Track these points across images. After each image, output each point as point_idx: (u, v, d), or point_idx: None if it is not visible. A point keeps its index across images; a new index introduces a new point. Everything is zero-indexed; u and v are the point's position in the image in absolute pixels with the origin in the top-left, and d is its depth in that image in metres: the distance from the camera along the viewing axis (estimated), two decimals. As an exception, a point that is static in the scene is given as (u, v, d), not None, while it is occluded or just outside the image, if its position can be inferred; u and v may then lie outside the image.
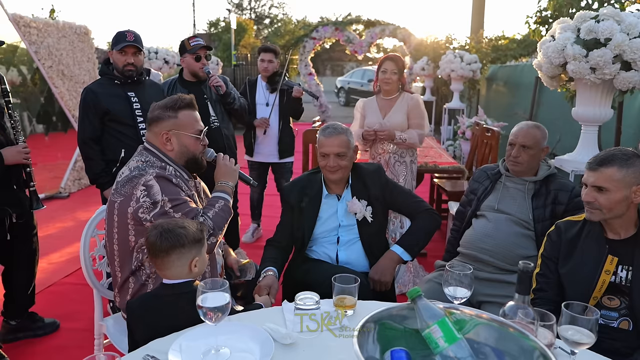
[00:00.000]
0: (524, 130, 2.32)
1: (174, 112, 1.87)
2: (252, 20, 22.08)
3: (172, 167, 1.86)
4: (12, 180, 2.44)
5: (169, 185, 1.77)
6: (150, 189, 1.72)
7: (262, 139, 4.04)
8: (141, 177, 1.75)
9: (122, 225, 1.78)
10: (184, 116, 1.88)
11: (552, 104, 5.95)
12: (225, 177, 1.94)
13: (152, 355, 1.25)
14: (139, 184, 1.73)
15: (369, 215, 2.26)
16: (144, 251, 1.79)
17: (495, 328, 1.11)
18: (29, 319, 2.79)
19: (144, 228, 1.75)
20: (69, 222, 4.93)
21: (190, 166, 1.92)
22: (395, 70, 3.25)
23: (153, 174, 1.75)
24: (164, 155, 1.87)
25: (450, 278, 1.51)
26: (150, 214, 1.72)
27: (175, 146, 1.87)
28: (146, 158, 1.85)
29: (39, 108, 5.92)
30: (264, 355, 1.27)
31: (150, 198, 1.71)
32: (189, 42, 3.33)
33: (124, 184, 1.78)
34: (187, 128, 1.87)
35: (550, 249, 1.91)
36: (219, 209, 1.83)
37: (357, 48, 11.88)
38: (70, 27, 6.18)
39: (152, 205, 1.71)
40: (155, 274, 1.81)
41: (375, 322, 1.09)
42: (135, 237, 1.78)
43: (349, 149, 2.25)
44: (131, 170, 1.81)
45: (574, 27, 2.95)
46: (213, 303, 1.22)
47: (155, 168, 1.80)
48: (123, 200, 1.76)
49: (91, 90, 2.85)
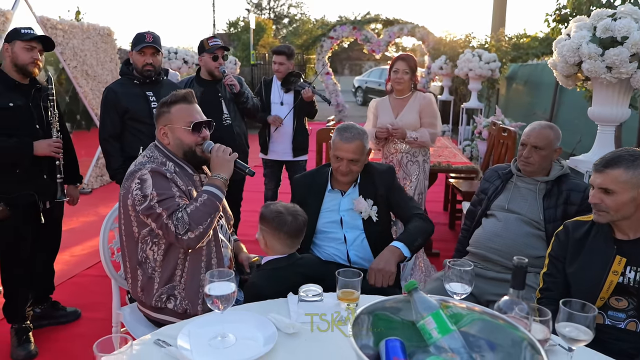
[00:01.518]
0: (536, 131, 2.30)
1: (168, 107, 1.94)
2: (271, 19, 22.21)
3: (173, 163, 1.92)
4: (44, 170, 2.62)
5: (162, 179, 1.81)
6: (143, 183, 1.79)
7: (276, 137, 4.11)
8: (139, 171, 1.82)
9: (126, 217, 1.86)
10: (177, 110, 1.93)
11: (573, 104, 5.86)
12: (217, 169, 1.91)
13: (162, 340, 1.32)
14: (135, 177, 1.81)
15: (375, 214, 2.27)
16: (146, 242, 1.86)
17: (487, 321, 1.15)
18: (52, 307, 2.94)
19: (143, 220, 1.82)
20: (91, 217, 5.09)
21: (189, 159, 1.97)
22: (407, 69, 3.26)
23: (149, 169, 1.81)
24: (165, 149, 1.94)
25: (451, 274, 1.54)
26: (140, 207, 1.78)
27: (170, 140, 1.94)
28: (151, 153, 1.93)
29: (64, 107, 6.11)
30: (267, 342, 1.33)
31: (141, 191, 1.77)
32: (208, 42, 3.44)
33: (127, 177, 1.87)
34: (179, 121, 1.92)
35: (558, 249, 1.91)
36: (200, 203, 1.80)
37: (375, 47, 11.85)
38: (94, 28, 6.36)
39: (142, 198, 1.77)
40: (160, 267, 1.87)
41: (368, 314, 1.14)
42: (138, 229, 1.85)
43: (363, 154, 2.25)
44: (135, 164, 1.90)
45: (590, 26, 2.93)
46: (220, 292, 1.28)
47: (154, 163, 1.86)
48: (124, 193, 1.84)
49: (112, 90, 2.97)
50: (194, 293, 1.88)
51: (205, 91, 3.43)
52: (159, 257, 1.87)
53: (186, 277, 1.89)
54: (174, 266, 1.88)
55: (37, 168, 2.59)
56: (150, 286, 1.89)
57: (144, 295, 1.92)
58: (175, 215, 1.75)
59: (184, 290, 1.89)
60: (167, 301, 1.88)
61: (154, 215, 1.77)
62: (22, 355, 2.60)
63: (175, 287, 1.89)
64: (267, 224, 1.90)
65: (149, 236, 1.85)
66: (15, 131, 2.51)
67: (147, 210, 1.77)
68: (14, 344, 2.63)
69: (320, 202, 2.32)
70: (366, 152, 2.27)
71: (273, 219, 1.88)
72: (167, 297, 1.88)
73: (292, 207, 1.96)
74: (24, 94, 2.57)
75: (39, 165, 2.60)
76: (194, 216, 1.76)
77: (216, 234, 1.95)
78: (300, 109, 4.06)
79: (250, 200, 4.85)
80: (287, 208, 1.93)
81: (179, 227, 1.74)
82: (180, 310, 1.88)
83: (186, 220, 1.75)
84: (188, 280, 1.89)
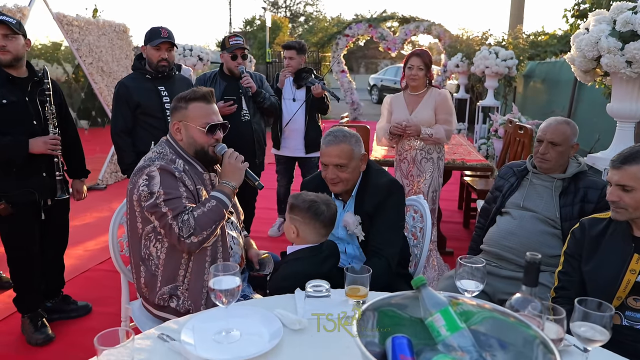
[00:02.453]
0: (552, 126, 2.25)
1: (185, 104, 1.91)
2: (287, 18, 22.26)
3: (183, 161, 1.89)
4: (43, 168, 2.56)
5: (170, 178, 1.79)
6: (151, 180, 1.77)
7: (288, 133, 4.11)
8: (147, 167, 1.80)
9: (132, 211, 1.86)
10: (194, 108, 1.91)
11: (591, 102, 5.74)
12: (227, 177, 1.90)
13: (166, 334, 1.31)
14: (143, 173, 1.79)
15: (361, 233, 2.05)
16: (150, 239, 1.85)
17: (498, 319, 1.11)
18: (64, 301, 2.96)
19: (147, 216, 1.81)
20: (105, 213, 5.13)
21: (200, 158, 1.94)
22: (421, 66, 3.21)
23: (157, 166, 1.79)
24: (177, 146, 1.92)
25: (463, 272, 1.50)
26: (145, 203, 1.76)
27: (183, 136, 1.92)
28: (161, 149, 1.91)
29: (80, 103, 6.17)
30: (272, 338, 1.31)
31: (148, 188, 1.76)
32: (229, 41, 3.48)
33: (135, 172, 1.85)
34: (194, 120, 1.90)
35: (574, 247, 1.87)
36: (207, 209, 1.78)
37: (391, 45, 11.77)
38: (110, 25, 6.42)
39: (148, 195, 1.76)
40: (162, 266, 1.85)
41: (374, 310, 1.10)
42: (142, 225, 1.83)
43: (352, 159, 2.00)
44: (145, 160, 1.88)
45: (609, 19, 2.85)
46: (224, 285, 1.26)
47: (164, 160, 1.84)
48: (131, 188, 1.83)
49: (124, 84, 2.98)
50: (197, 294, 1.86)
51: (228, 86, 3.48)
52: (161, 255, 1.85)
53: (190, 278, 1.87)
54: (177, 266, 1.86)
55: (35, 166, 2.53)
56: (153, 284, 1.88)
57: (147, 291, 1.91)
58: (181, 217, 1.74)
59: (187, 291, 1.87)
60: (170, 300, 1.87)
61: (159, 213, 1.75)
62: (41, 339, 2.64)
63: (178, 287, 1.87)
64: (301, 213, 1.84)
65: (152, 233, 1.84)
66: (11, 129, 2.42)
67: (152, 208, 1.76)
68: (30, 330, 2.66)
69: None
70: (357, 156, 2.02)
71: (308, 208, 1.83)
72: (170, 297, 1.87)
73: (324, 196, 1.91)
74: (20, 88, 2.48)
75: (37, 163, 2.53)
76: (200, 221, 1.75)
77: (224, 232, 1.92)
78: (311, 105, 4.04)
79: (262, 197, 4.82)
80: (319, 197, 1.89)
81: (183, 229, 1.73)
82: (182, 310, 1.86)
83: (192, 224, 1.73)
84: (192, 280, 1.87)
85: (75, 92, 6.11)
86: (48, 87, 2.55)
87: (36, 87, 2.54)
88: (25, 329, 2.69)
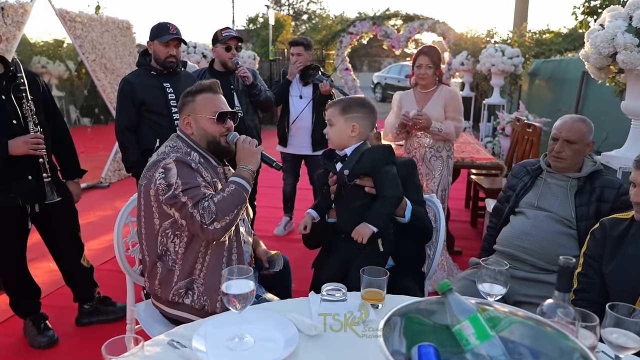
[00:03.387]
0: (568, 124, 2.19)
1: (192, 97, 1.90)
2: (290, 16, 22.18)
3: (197, 154, 1.87)
4: (27, 171, 2.38)
5: (187, 169, 1.76)
6: (167, 172, 1.73)
7: (295, 130, 4.04)
8: (162, 160, 1.76)
9: (147, 208, 1.80)
10: (201, 99, 1.89)
11: (598, 100, 5.68)
12: (244, 161, 1.87)
13: (177, 341, 1.25)
14: (159, 166, 1.75)
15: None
16: (167, 235, 1.80)
17: (531, 327, 1.04)
18: (102, 303, 2.87)
19: (165, 211, 1.76)
20: (108, 211, 5.09)
21: (213, 150, 1.91)
22: (430, 64, 3.17)
23: (173, 157, 1.76)
24: (190, 140, 1.89)
25: (484, 274, 1.44)
26: (163, 196, 1.72)
27: (194, 129, 1.89)
28: (174, 144, 1.88)
29: (83, 101, 6.12)
30: (288, 345, 1.25)
31: (165, 180, 1.72)
32: (221, 33, 3.40)
33: (149, 167, 1.81)
34: (203, 111, 1.88)
35: (594, 248, 1.82)
36: (227, 193, 1.74)
37: (395, 43, 11.70)
38: (113, 21, 6.36)
39: (166, 188, 1.71)
40: (181, 260, 1.81)
41: (401, 316, 1.04)
42: (160, 221, 1.79)
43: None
44: (158, 154, 1.84)
45: (625, 15, 2.79)
46: (237, 290, 1.20)
47: (179, 152, 1.81)
48: (146, 183, 1.78)
49: (128, 81, 2.91)
50: (213, 289, 1.81)
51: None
52: (180, 250, 1.81)
53: (206, 272, 1.82)
54: (194, 259, 1.82)
55: (18, 169, 2.33)
56: (169, 279, 1.83)
57: (160, 289, 1.85)
58: (201, 204, 1.69)
59: (203, 285, 1.82)
60: (185, 296, 1.82)
61: (178, 204, 1.71)
62: (45, 342, 2.57)
63: (195, 281, 1.82)
64: (362, 109, 1.94)
65: (171, 228, 1.79)
66: None
67: (171, 200, 1.71)
68: (33, 333, 2.60)
69: None
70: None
71: (364, 103, 1.96)
72: (185, 292, 1.82)
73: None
74: None
75: (19, 165, 2.33)
76: (220, 206, 1.71)
77: (237, 229, 1.89)
78: (318, 103, 3.97)
79: (267, 195, 4.79)
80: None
81: (205, 216, 1.68)
82: (197, 306, 1.80)
83: (213, 210, 1.69)
84: (208, 274, 1.82)
85: (77, 90, 6.05)
86: (23, 82, 2.33)
87: (11, 83, 2.33)
88: (28, 331, 2.63)
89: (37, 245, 2.67)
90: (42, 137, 2.36)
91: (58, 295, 3.15)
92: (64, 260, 2.73)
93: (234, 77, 3.41)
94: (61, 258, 2.72)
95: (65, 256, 2.72)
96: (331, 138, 1.97)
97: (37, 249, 2.82)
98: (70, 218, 2.68)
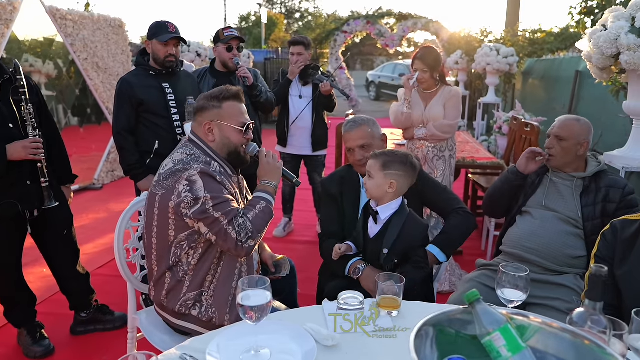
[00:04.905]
0: (561, 122, 2.25)
1: (219, 102, 1.82)
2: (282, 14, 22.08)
3: (217, 163, 1.80)
4: (25, 175, 2.31)
5: (213, 182, 1.70)
6: (193, 184, 1.66)
7: (295, 130, 3.99)
8: (185, 171, 1.69)
9: (163, 219, 1.73)
10: (228, 107, 1.82)
11: (593, 99, 5.69)
12: (268, 176, 1.85)
13: (190, 355, 1.19)
14: (182, 177, 1.68)
15: None
16: (182, 247, 1.74)
17: (566, 339, 1.00)
18: (99, 311, 2.78)
19: (184, 223, 1.69)
20: (102, 214, 4.99)
21: (232, 159, 1.86)
22: (424, 68, 3.17)
23: (197, 169, 1.69)
24: (207, 147, 1.82)
25: (504, 280, 1.41)
26: (190, 210, 1.66)
27: (216, 137, 1.82)
28: (191, 151, 1.80)
29: (74, 100, 5.99)
30: (306, 357, 1.20)
31: (192, 194, 1.65)
32: (223, 32, 3.32)
33: (167, 176, 1.72)
34: (229, 119, 1.81)
35: (605, 250, 1.78)
36: (259, 210, 1.73)
37: (389, 42, 11.68)
38: (105, 19, 6.24)
39: (193, 201, 1.65)
40: (192, 272, 1.76)
41: (434, 326, 0.99)
42: (175, 232, 1.72)
43: (374, 139, 2.20)
44: (175, 163, 1.75)
45: (628, 16, 2.78)
46: (254, 302, 1.14)
47: (200, 163, 1.74)
48: (165, 194, 1.70)
49: (126, 81, 2.83)
50: (222, 301, 1.75)
51: (218, 83, 3.31)
52: (192, 261, 1.75)
53: (216, 284, 1.77)
54: (206, 271, 1.76)
55: (16, 174, 2.27)
56: (178, 290, 1.77)
57: (167, 299, 1.79)
58: (236, 221, 1.66)
59: (212, 298, 1.76)
60: (192, 307, 1.76)
61: (210, 219, 1.65)
62: (40, 352, 2.49)
63: (204, 293, 1.77)
64: (403, 168, 1.96)
65: (187, 240, 1.73)
66: None
67: (200, 214, 1.65)
68: (28, 343, 2.52)
69: (358, 194, 2.22)
70: (377, 136, 2.22)
71: (406, 162, 1.98)
72: (194, 304, 1.76)
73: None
74: None
75: (18, 170, 2.27)
76: (256, 223, 1.69)
77: None
78: (318, 103, 3.93)
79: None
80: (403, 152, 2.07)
81: (241, 234, 1.65)
82: (204, 319, 1.75)
83: (249, 228, 1.67)
84: (218, 287, 1.77)
85: (69, 89, 5.93)
86: (22, 85, 2.26)
87: (8, 86, 2.27)
88: (22, 341, 2.55)
89: (29, 250, 2.58)
90: (41, 142, 2.30)
91: (53, 302, 3.05)
92: (59, 267, 2.64)
93: (234, 77, 3.34)
94: (56, 264, 2.63)
95: (61, 262, 2.63)
96: (368, 189, 1.99)
97: (30, 254, 2.72)
98: (65, 223, 2.60)
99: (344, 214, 2.20)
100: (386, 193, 1.95)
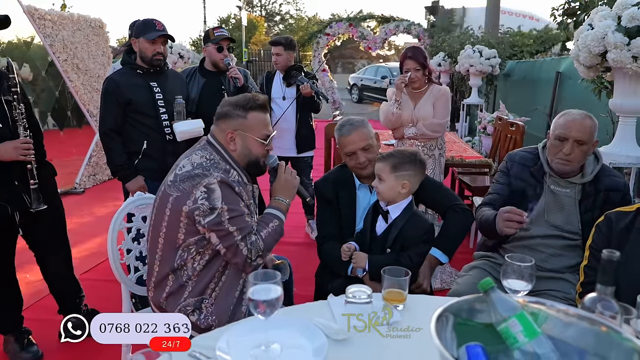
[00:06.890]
0: (578, 122, 1.94)
1: (244, 112, 1.77)
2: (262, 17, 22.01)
3: (236, 172, 1.77)
4: (14, 176, 2.24)
5: (231, 193, 1.68)
6: (211, 193, 1.63)
7: (279, 132, 3.96)
8: (204, 177, 1.65)
9: (174, 221, 1.69)
10: (253, 118, 1.78)
11: (573, 99, 5.82)
12: (283, 193, 1.84)
13: (199, 351, 1.16)
14: (200, 184, 1.64)
15: None
16: (189, 250, 1.70)
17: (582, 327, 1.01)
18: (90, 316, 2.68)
19: (195, 228, 1.66)
20: (85, 218, 4.88)
21: (250, 169, 1.83)
22: (417, 67, 3.17)
23: (217, 178, 1.65)
24: (228, 155, 1.78)
25: (509, 270, 1.41)
26: (205, 219, 1.63)
27: (238, 147, 1.78)
28: (211, 156, 1.75)
29: (54, 103, 5.85)
30: (317, 352, 1.18)
31: (209, 202, 1.62)
32: (213, 32, 3.29)
33: (184, 179, 1.68)
34: (253, 130, 1.78)
35: (599, 241, 1.77)
36: (272, 229, 1.73)
37: (372, 44, 11.76)
38: (85, 20, 6.12)
39: (209, 210, 1.62)
40: (196, 277, 1.72)
41: (454, 314, 0.99)
42: (185, 236, 1.69)
43: (373, 139, 2.18)
44: (194, 166, 1.70)
45: (614, 15, 2.85)
46: (266, 296, 1.12)
47: (220, 171, 1.70)
48: (180, 196, 1.66)
49: (113, 80, 2.77)
50: (223, 310, 1.73)
51: (207, 83, 3.28)
52: (198, 267, 1.72)
53: (218, 292, 1.74)
54: (210, 278, 1.73)
55: (5, 175, 2.21)
56: (179, 294, 1.73)
57: (167, 302, 1.75)
58: (249, 238, 1.65)
59: (213, 306, 1.73)
60: (191, 314, 1.72)
61: (223, 232, 1.63)
62: (29, 358, 2.42)
63: (204, 300, 1.73)
64: (414, 167, 1.99)
65: (195, 245, 1.70)
66: None
67: (215, 225, 1.62)
68: (16, 350, 2.43)
69: (353, 201, 2.19)
70: (374, 136, 2.21)
71: (415, 160, 2.00)
72: (193, 310, 1.72)
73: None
74: None
75: (6, 171, 2.21)
76: (267, 242, 1.70)
77: None
78: (302, 104, 3.90)
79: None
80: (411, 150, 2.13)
81: (252, 252, 1.64)
82: (203, 326, 1.71)
83: (261, 247, 1.67)
84: (221, 295, 1.74)
85: (47, 92, 5.78)
86: (15, 83, 2.20)
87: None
88: (9, 348, 2.46)
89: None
90: (32, 142, 2.23)
91: (40, 308, 2.96)
92: (52, 268, 2.56)
93: (224, 77, 3.30)
94: (49, 265, 2.56)
95: (53, 263, 2.56)
96: (380, 192, 2.00)
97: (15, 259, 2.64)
98: (59, 222, 2.54)
99: (341, 215, 2.18)
100: (399, 194, 1.98)
